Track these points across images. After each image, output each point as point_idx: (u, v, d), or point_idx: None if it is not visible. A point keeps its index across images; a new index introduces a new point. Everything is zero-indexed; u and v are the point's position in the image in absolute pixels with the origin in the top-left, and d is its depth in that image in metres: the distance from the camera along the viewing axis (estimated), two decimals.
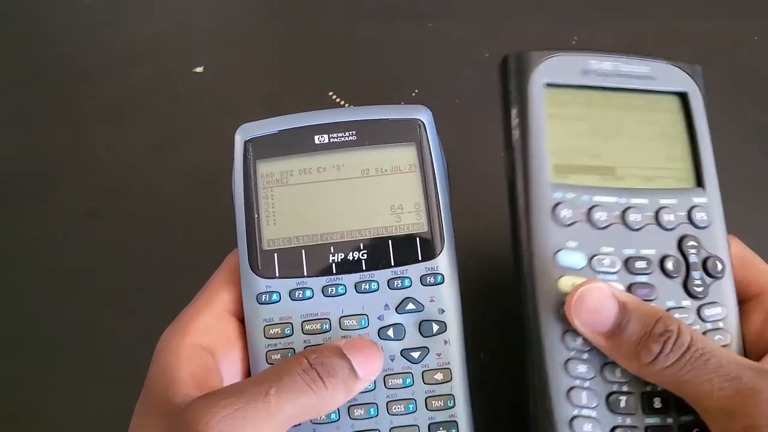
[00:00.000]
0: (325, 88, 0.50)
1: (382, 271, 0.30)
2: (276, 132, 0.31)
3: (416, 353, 0.29)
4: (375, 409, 0.29)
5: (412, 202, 0.31)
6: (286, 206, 0.31)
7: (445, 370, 0.29)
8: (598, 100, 0.32)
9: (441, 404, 0.29)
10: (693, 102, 0.32)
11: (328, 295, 0.30)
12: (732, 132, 0.48)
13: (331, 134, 0.31)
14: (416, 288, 0.30)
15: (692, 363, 0.25)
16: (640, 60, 0.32)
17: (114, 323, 0.41)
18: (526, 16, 0.55)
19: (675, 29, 0.54)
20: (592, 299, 0.27)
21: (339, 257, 0.30)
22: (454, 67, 0.51)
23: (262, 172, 0.31)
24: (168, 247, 0.44)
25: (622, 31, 0.53)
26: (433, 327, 0.30)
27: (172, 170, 0.47)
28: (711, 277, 0.30)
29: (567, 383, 0.28)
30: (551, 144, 0.30)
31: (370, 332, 0.29)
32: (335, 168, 0.31)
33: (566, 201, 0.30)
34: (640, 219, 0.30)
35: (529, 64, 0.31)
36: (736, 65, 0.52)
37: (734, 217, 0.44)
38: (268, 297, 0.30)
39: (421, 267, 0.30)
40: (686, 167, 0.32)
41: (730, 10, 0.55)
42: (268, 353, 0.29)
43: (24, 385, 0.40)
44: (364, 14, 0.55)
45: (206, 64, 0.52)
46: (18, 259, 0.43)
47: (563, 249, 0.29)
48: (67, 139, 0.48)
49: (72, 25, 0.55)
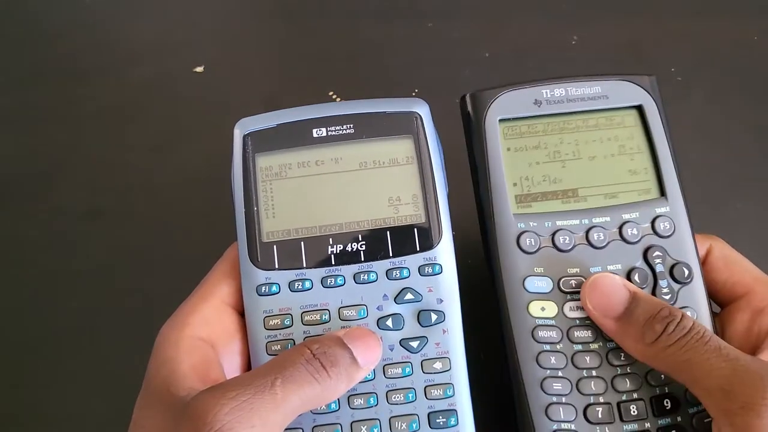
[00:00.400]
0: (325, 88, 0.50)
1: (381, 262, 0.30)
2: (274, 126, 0.32)
3: (415, 343, 0.29)
4: (375, 399, 0.29)
5: (409, 193, 0.31)
6: (285, 199, 0.31)
7: (444, 359, 0.29)
8: (555, 126, 0.33)
9: (440, 393, 0.29)
10: (648, 113, 0.33)
11: (327, 286, 0.30)
12: (732, 132, 0.48)
13: (329, 127, 0.32)
14: (414, 278, 0.30)
15: (692, 343, 0.26)
16: (591, 81, 0.33)
17: (114, 323, 0.41)
18: (526, 16, 0.55)
19: (675, 29, 0.54)
20: (604, 285, 0.30)
21: (338, 248, 0.30)
22: (454, 67, 0.51)
23: (261, 165, 0.31)
24: (168, 247, 0.44)
25: (622, 31, 0.53)
26: (431, 317, 0.30)
27: (172, 170, 0.47)
28: (679, 283, 0.31)
29: (545, 400, 0.30)
30: (511, 176, 0.32)
31: (369, 322, 0.30)
32: (333, 161, 0.31)
33: (529, 230, 0.31)
34: (603, 237, 0.31)
35: (483, 103, 0.33)
36: (736, 65, 0.52)
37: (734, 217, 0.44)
38: (267, 288, 0.30)
39: (419, 257, 0.30)
40: (648, 178, 0.33)
41: (730, 10, 0.55)
42: (268, 344, 0.29)
43: (24, 385, 0.40)
44: (364, 14, 0.55)
45: (206, 63, 0.52)
46: (18, 259, 0.43)
47: (530, 276, 0.31)
48: (67, 139, 0.48)
49: (72, 25, 0.55)
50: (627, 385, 0.30)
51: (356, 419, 0.29)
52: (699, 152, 0.47)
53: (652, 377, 0.30)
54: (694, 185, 0.45)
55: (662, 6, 0.55)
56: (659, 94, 0.34)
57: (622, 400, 0.30)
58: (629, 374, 0.30)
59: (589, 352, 0.30)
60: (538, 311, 0.31)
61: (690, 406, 0.30)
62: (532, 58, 0.52)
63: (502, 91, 0.33)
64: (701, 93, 0.49)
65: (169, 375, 0.27)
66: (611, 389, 0.30)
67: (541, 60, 0.51)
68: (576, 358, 0.30)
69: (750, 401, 0.24)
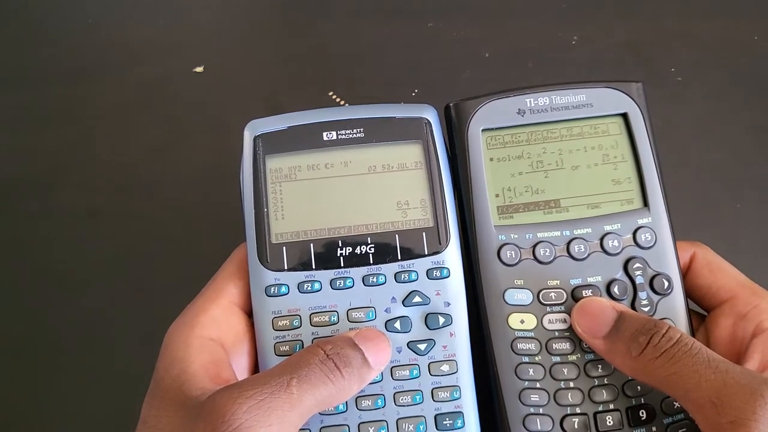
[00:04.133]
0: (325, 88, 0.50)
1: (389, 265, 0.30)
2: (285, 128, 0.32)
3: (423, 345, 0.30)
4: (382, 400, 0.29)
5: (418, 198, 0.31)
6: (295, 201, 0.31)
7: (451, 362, 0.30)
8: (538, 135, 0.33)
9: (447, 395, 0.29)
10: (633, 121, 0.33)
11: (336, 288, 0.30)
12: (732, 132, 0.48)
13: (339, 131, 0.32)
14: (422, 281, 0.30)
15: (680, 355, 0.26)
16: (575, 89, 0.33)
17: (114, 323, 0.41)
18: (526, 16, 0.55)
19: (675, 29, 0.54)
20: (592, 308, 0.30)
21: (347, 251, 0.31)
22: (454, 67, 0.51)
23: (271, 167, 0.31)
24: (168, 247, 0.44)
25: (622, 31, 0.53)
26: (439, 320, 0.30)
27: (172, 170, 0.47)
28: (658, 295, 0.31)
29: (523, 411, 0.30)
30: (493, 187, 0.32)
31: (378, 324, 0.30)
32: (343, 164, 0.32)
33: (510, 242, 0.31)
34: (584, 249, 0.31)
35: (466, 113, 0.32)
36: (736, 65, 0.52)
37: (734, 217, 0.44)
38: (276, 289, 0.30)
39: (427, 261, 0.31)
40: (631, 188, 0.32)
41: (730, 10, 0.55)
42: (276, 345, 0.29)
43: (24, 385, 0.40)
44: (364, 14, 0.55)
45: (206, 64, 0.52)
46: (18, 259, 0.43)
47: (510, 288, 0.31)
48: (67, 139, 0.48)
49: (72, 25, 0.55)
50: (604, 396, 0.30)
51: (364, 420, 0.29)
52: (699, 152, 0.47)
53: (628, 388, 0.30)
54: (693, 185, 0.46)
55: (662, 6, 0.55)
56: (645, 101, 0.33)
57: (598, 411, 0.30)
58: (606, 385, 0.30)
59: (567, 364, 0.30)
60: (517, 323, 0.31)
61: (665, 417, 0.30)
62: (532, 58, 0.52)
63: (485, 101, 0.33)
64: (701, 93, 0.49)
65: (180, 374, 0.27)
66: (588, 400, 0.30)
67: (541, 60, 0.51)
68: (554, 370, 0.30)
69: (740, 416, 0.24)
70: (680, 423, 0.29)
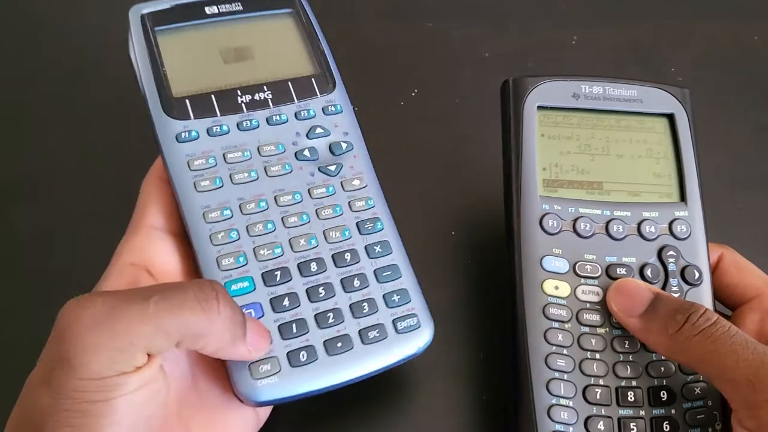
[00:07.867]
0: None
1: (288, 105, 0.34)
2: (169, 7, 0.35)
3: (332, 167, 0.33)
4: (306, 216, 0.32)
5: (302, 52, 0.36)
6: (189, 61, 0.34)
7: (360, 178, 0.34)
8: (588, 121, 0.35)
9: (363, 204, 0.33)
10: (679, 123, 0.35)
11: (244, 129, 0.33)
12: (732, 132, 0.48)
13: (220, 5, 0.36)
14: (320, 117, 0.34)
15: (718, 335, 0.27)
16: (628, 84, 0.35)
17: None
18: (526, 16, 0.55)
19: (675, 29, 0.54)
20: (628, 288, 0.31)
21: (247, 98, 0.34)
22: (454, 67, 0.51)
23: (161, 38, 0.34)
24: None
25: (622, 31, 0.53)
26: (342, 146, 0.34)
27: None
28: (688, 285, 0.32)
29: (547, 375, 0.31)
30: (542, 161, 0.34)
31: (288, 156, 0.33)
32: (228, 32, 0.35)
33: (553, 212, 0.33)
34: (623, 230, 0.33)
35: (524, 89, 0.34)
36: (736, 65, 0.52)
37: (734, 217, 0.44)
38: (187, 134, 0.32)
39: (321, 100, 0.35)
40: (671, 183, 0.34)
41: (730, 10, 0.55)
42: (196, 182, 0.31)
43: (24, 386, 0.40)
44: (365, 14, 0.55)
45: None
46: (18, 259, 0.43)
47: (548, 255, 0.32)
48: (67, 139, 0.48)
49: (72, 25, 0.55)
50: (627, 372, 0.31)
51: (293, 236, 0.31)
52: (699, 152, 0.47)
53: (652, 368, 0.31)
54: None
55: (662, 6, 0.55)
56: (691, 106, 0.35)
57: (621, 386, 0.31)
58: (630, 362, 0.31)
59: (595, 336, 0.31)
60: (551, 289, 0.32)
61: (685, 401, 0.30)
62: (532, 58, 0.52)
63: (543, 80, 0.35)
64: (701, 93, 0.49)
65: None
66: (612, 374, 0.31)
67: (541, 60, 0.51)
68: (582, 339, 0.31)
69: None
70: (699, 409, 0.30)
